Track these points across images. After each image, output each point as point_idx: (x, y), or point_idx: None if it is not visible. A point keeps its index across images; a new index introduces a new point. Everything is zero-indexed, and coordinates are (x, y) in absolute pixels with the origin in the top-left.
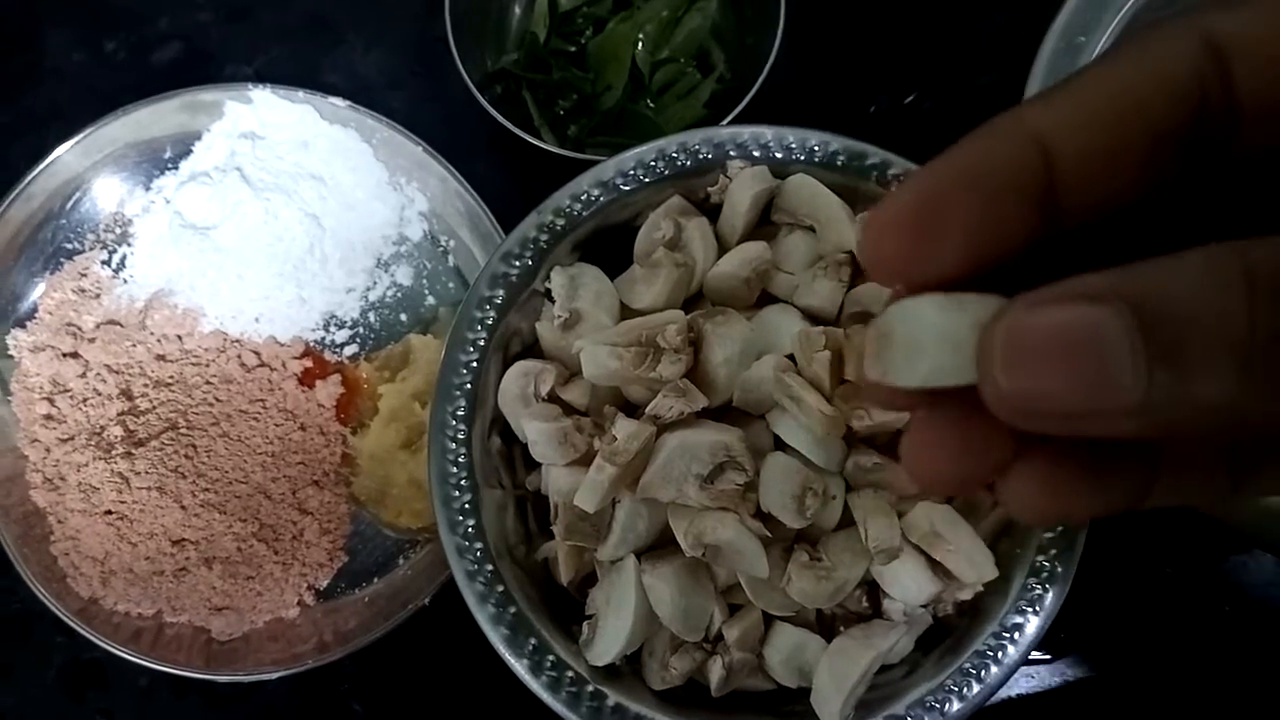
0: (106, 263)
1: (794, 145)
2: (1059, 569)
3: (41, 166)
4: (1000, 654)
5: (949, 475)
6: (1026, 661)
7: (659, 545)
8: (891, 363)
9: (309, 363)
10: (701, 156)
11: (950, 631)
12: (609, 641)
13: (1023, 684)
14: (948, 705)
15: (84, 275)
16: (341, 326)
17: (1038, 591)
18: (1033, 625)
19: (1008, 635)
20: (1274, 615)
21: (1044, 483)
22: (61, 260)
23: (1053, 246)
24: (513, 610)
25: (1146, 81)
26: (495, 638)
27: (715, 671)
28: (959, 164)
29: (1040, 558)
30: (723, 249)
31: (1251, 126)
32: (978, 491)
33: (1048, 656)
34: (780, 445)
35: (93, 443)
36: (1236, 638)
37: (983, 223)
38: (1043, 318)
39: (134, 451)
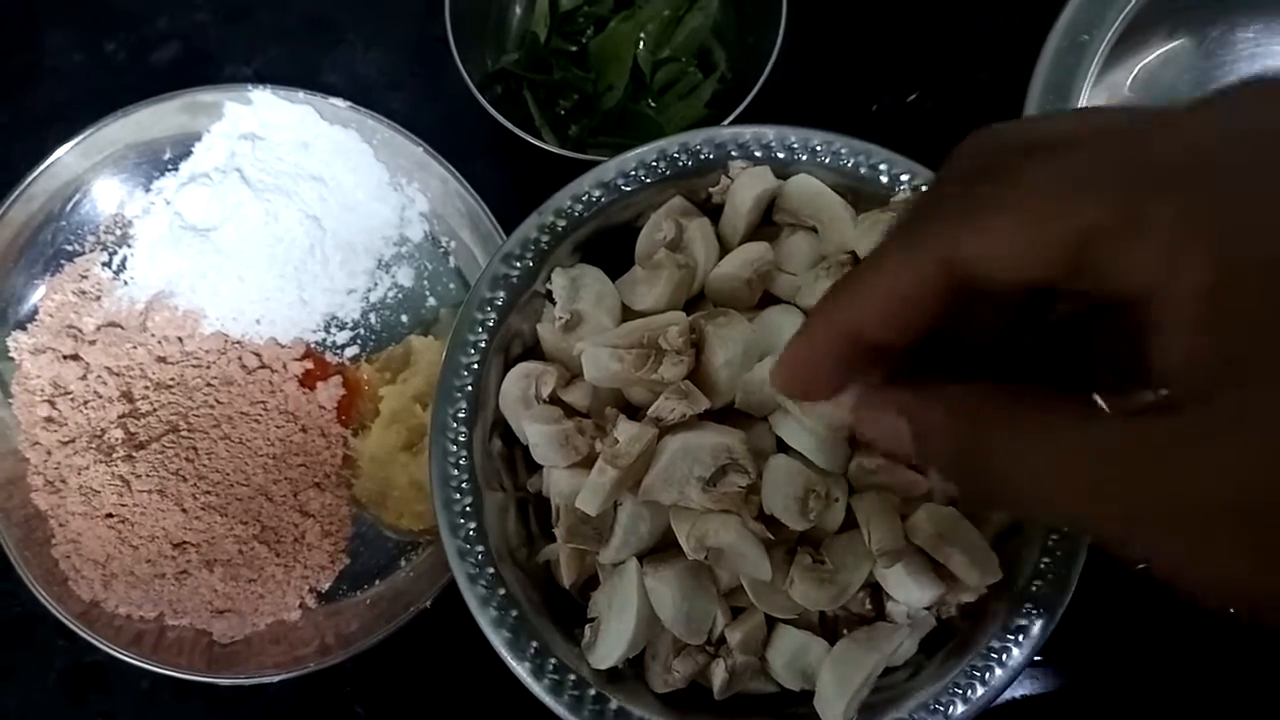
0: (107, 264)
1: (796, 145)
2: (1063, 571)
3: (41, 168)
4: (1005, 656)
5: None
6: (1030, 663)
7: (661, 548)
8: None
9: (310, 364)
10: (703, 157)
11: (954, 634)
12: (611, 645)
13: (1026, 685)
14: (952, 708)
15: (84, 277)
16: (342, 328)
17: (1042, 593)
18: (1037, 627)
19: (1012, 637)
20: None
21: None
22: (62, 262)
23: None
24: (515, 613)
25: (913, 286)
26: (497, 641)
27: (718, 674)
28: (808, 346)
29: (1044, 560)
30: (724, 250)
31: (998, 290)
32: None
33: (1042, 659)
34: (783, 447)
35: (94, 445)
36: (1240, 641)
37: (834, 373)
38: (873, 411)
39: (135, 454)
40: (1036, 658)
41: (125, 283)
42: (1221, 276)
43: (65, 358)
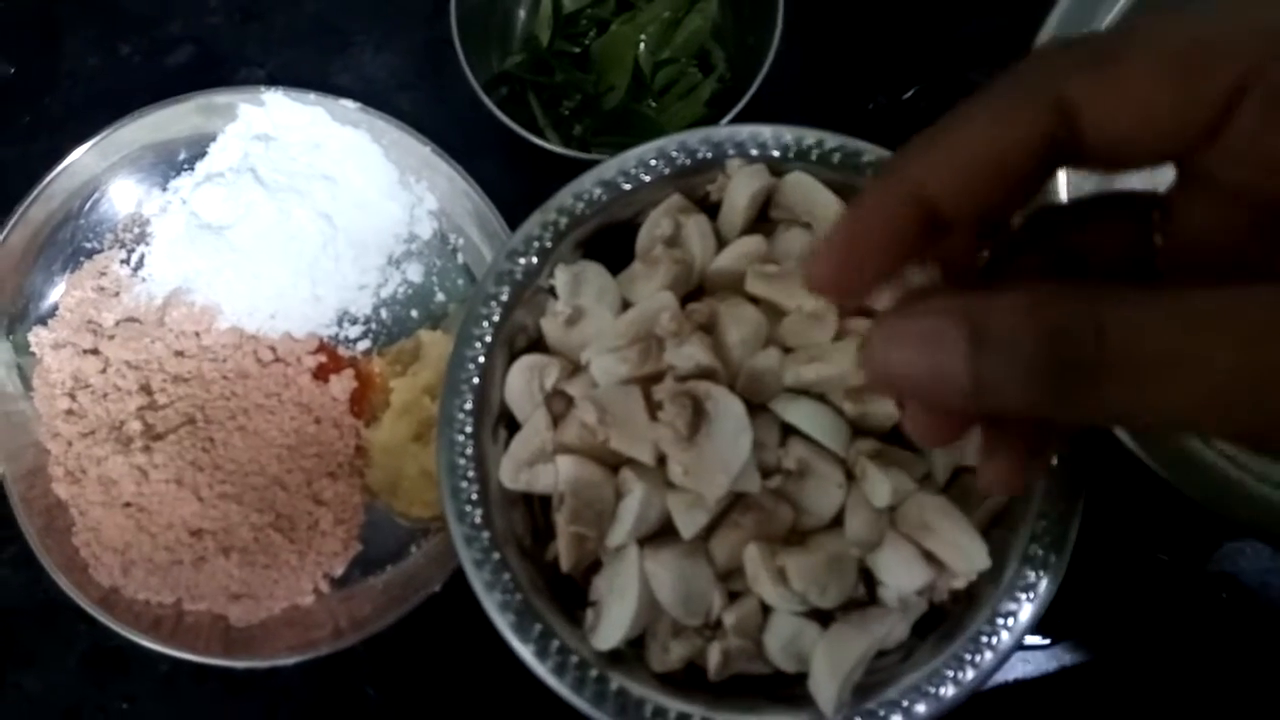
0: (125, 262)
1: (791, 143)
2: (1052, 556)
3: (60, 168)
4: (995, 639)
5: (928, 431)
6: (1022, 647)
7: (661, 532)
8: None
9: (323, 358)
10: (701, 156)
11: (946, 617)
12: (612, 627)
13: (1019, 669)
14: (942, 689)
15: (103, 274)
16: (354, 322)
17: (1031, 578)
18: (1027, 611)
19: (1002, 621)
20: (1269, 603)
21: (1007, 462)
22: (81, 260)
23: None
24: (519, 597)
25: (1009, 140)
26: (502, 624)
27: (713, 656)
28: (863, 223)
29: (1034, 545)
30: (722, 245)
31: (1090, 163)
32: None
33: (1045, 642)
34: (788, 431)
35: (113, 437)
36: (1232, 625)
37: (890, 256)
38: (909, 319)
39: (153, 445)
40: (1028, 641)
41: (143, 279)
42: None
43: (85, 352)
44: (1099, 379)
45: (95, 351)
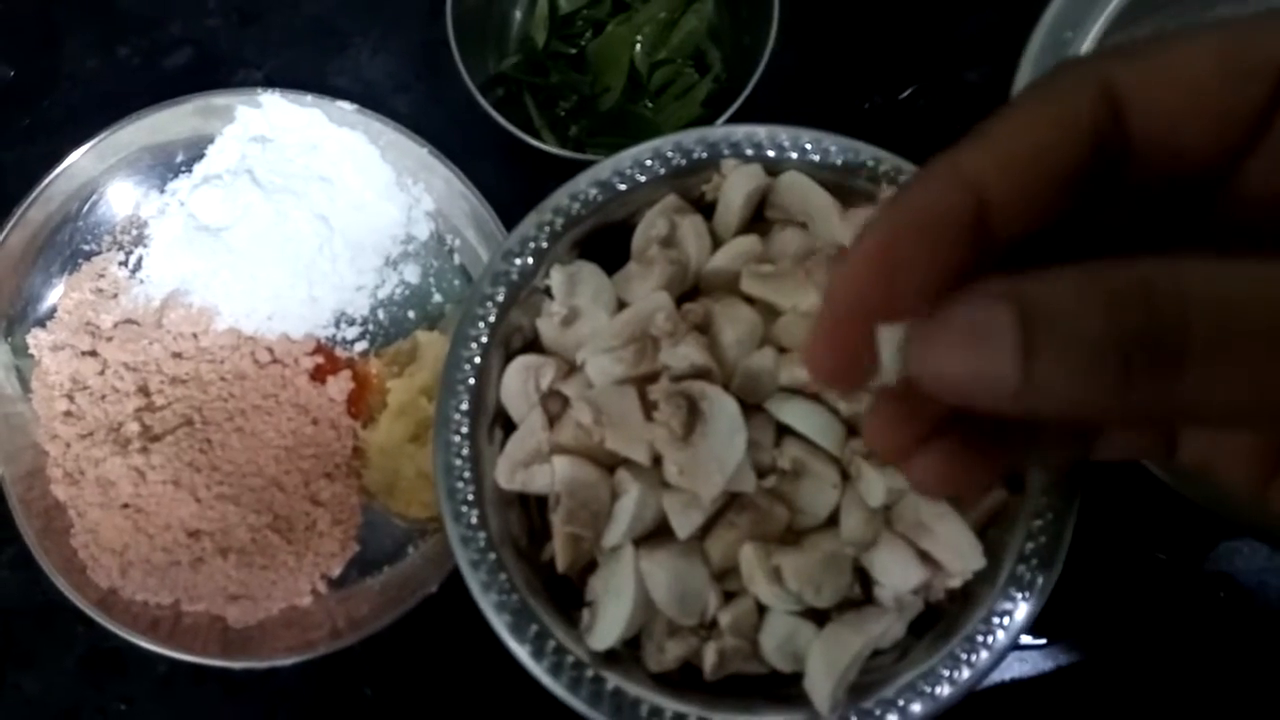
0: (123, 264)
1: (786, 143)
2: (1048, 555)
3: (58, 170)
4: (990, 639)
5: (890, 442)
6: (1019, 646)
7: (656, 532)
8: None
9: (320, 359)
10: (696, 156)
11: (941, 617)
12: (608, 627)
13: (1016, 668)
14: (938, 689)
15: (101, 276)
16: (351, 324)
17: (1027, 577)
18: (1022, 610)
19: (998, 620)
20: (1267, 602)
21: (942, 461)
22: (79, 261)
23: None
24: (515, 598)
25: (1054, 127)
26: (499, 624)
27: (709, 656)
28: (908, 212)
29: (1029, 544)
30: (717, 246)
31: (1140, 161)
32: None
33: (1041, 641)
34: (783, 431)
35: (111, 438)
36: (1229, 624)
37: (932, 262)
38: (952, 311)
39: (151, 446)
40: (1030, 641)
41: (141, 281)
42: None
43: (83, 354)
44: (1181, 360)
45: (93, 353)
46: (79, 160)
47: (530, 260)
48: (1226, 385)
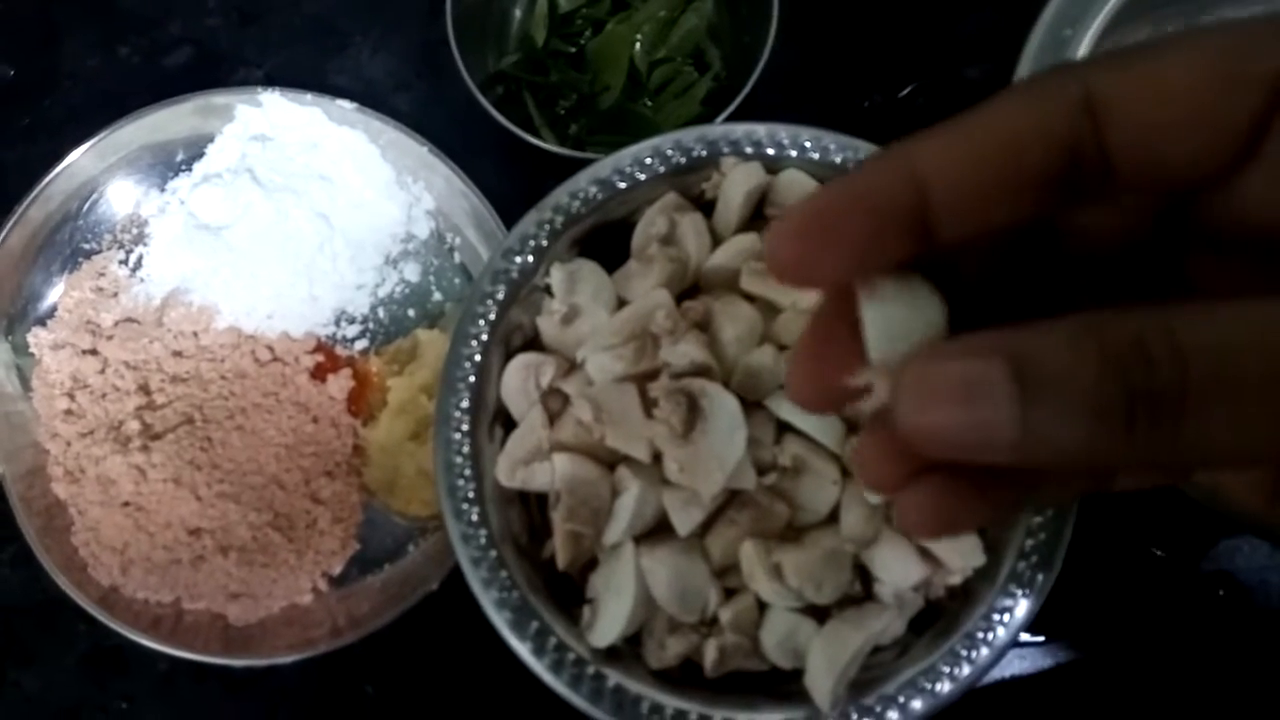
0: (124, 262)
1: (786, 141)
2: (1048, 552)
3: (58, 169)
4: (990, 636)
5: (879, 475)
6: (1019, 643)
7: (657, 529)
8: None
9: (320, 357)
10: (696, 154)
11: (941, 614)
12: (609, 624)
13: (1016, 665)
14: (938, 685)
15: (102, 275)
16: (352, 322)
17: (1027, 574)
18: (1023, 607)
19: (998, 617)
20: (1267, 600)
21: (935, 497)
22: (80, 260)
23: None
24: (516, 595)
25: (1026, 129)
26: (500, 622)
27: (709, 653)
28: (849, 190)
29: (1029, 541)
30: (717, 243)
31: (1122, 176)
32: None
33: (1040, 638)
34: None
35: (111, 436)
36: (1229, 623)
37: (863, 241)
38: (942, 366)
39: (151, 444)
40: (1029, 638)
41: (141, 280)
42: None
43: (84, 352)
44: (1181, 411)
45: (94, 352)
46: (79, 159)
47: (530, 258)
48: (1227, 432)
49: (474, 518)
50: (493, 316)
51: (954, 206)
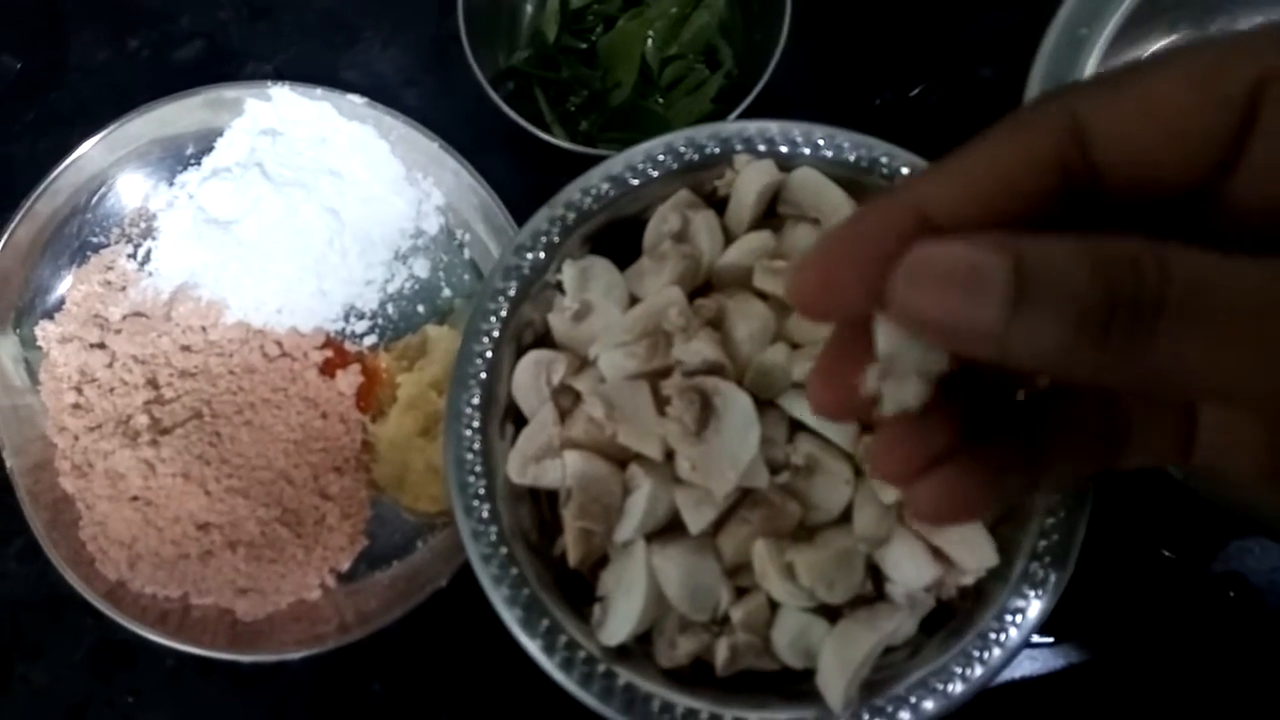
0: (132, 256)
1: (799, 139)
2: (1061, 552)
3: (67, 162)
4: (1002, 636)
5: (893, 466)
6: (1030, 644)
7: (668, 527)
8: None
9: (329, 353)
10: (709, 151)
11: (953, 614)
12: (620, 622)
13: (1026, 666)
14: (950, 686)
15: (110, 268)
16: (361, 317)
17: (1039, 575)
18: (1035, 608)
19: (1010, 618)
20: (1278, 601)
21: (948, 483)
22: (88, 254)
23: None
24: (526, 592)
25: (1016, 162)
26: (510, 619)
27: (721, 652)
28: (857, 230)
29: (1042, 541)
30: (730, 241)
31: (1111, 190)
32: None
33: (1051, 639)
34: (797, 427)
35: (119, 431)
36: (1240, 623)
37: (875, 278)
38: (949, 249)
39: (159, 439)
40: (1038, 639)
41: (150, 274)
42: None
43: (92, 346)
44: (1156, 325)
45: (102, 346)
46: (88, 152)
47: (542, 254)
48: (1196, 354)
49: (484, 514)
50: (504, 313)
51: (956, 227)
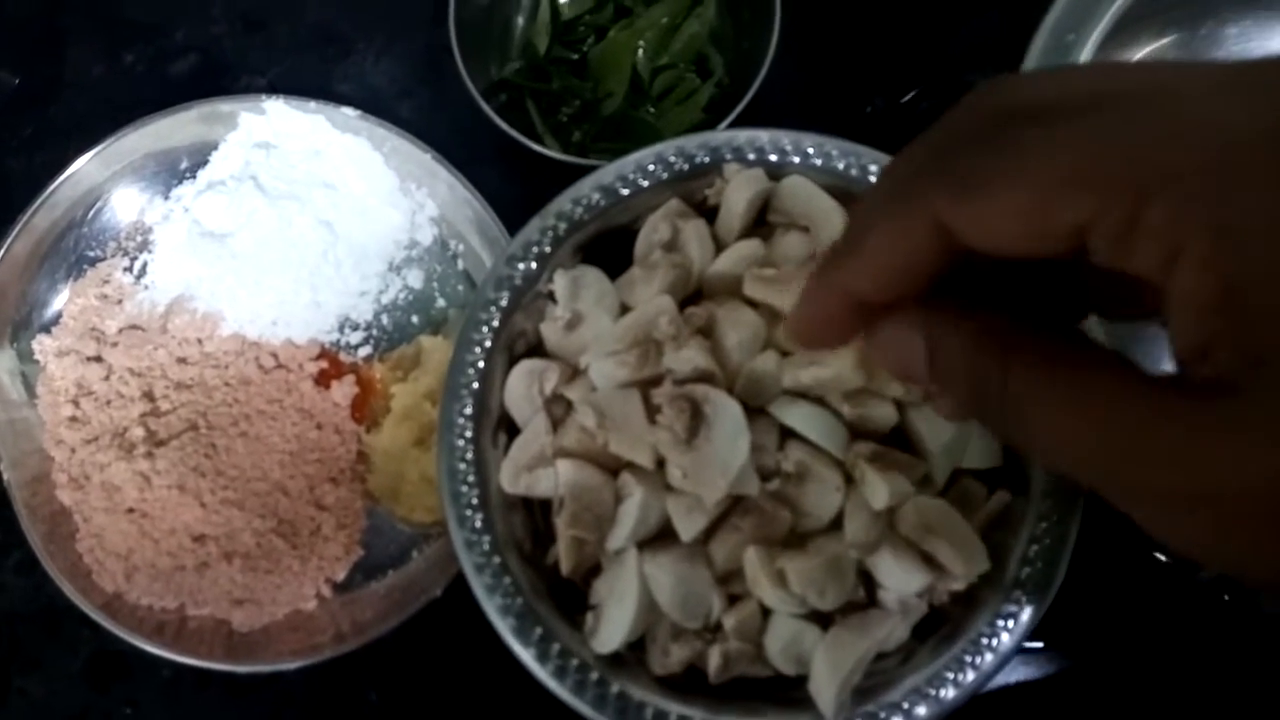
0: (128, 270)
1: (789, 147)
2: (1053, 557)
3: (63, 177)
4: (995, 641)
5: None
6: (1022, 649)
7: (659, 536)
8: None
9: (324, 364)
10: (699, 160)
11: (945, 620)
12: (613, 630)
13: (1020, 671)
14: (943, 692)
15: (106, 282)
16: (355, 328)
17: (1031, 580)
18: (1027, 613)
19: (1002, 623)
20: (1273, 604)
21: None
22: (84, 268)
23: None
24: (520, 601)
25: (902, 251)
26: (503, 627)
27: (713, 659)
28: (812, 311)
29: (1034, 546)
30: (720, 250)
31: (990, 258)
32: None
33: (1042, 644)
34: (787, 435)
35: (115, 443)
36: (1234, 628)
37: (837, 331)
38: (887, 329)
39: (155, 451)
40: (1029, 644)
41: (146, 287)
42: (1231, 283)
43: (88, 359)
44: (1001, 415)
45: (98, 359)
46: (84, 166)
47: (534, 264)
48: (1024, 441)
49: (477, 524)
50: (496, 323)
51: (886, 298)
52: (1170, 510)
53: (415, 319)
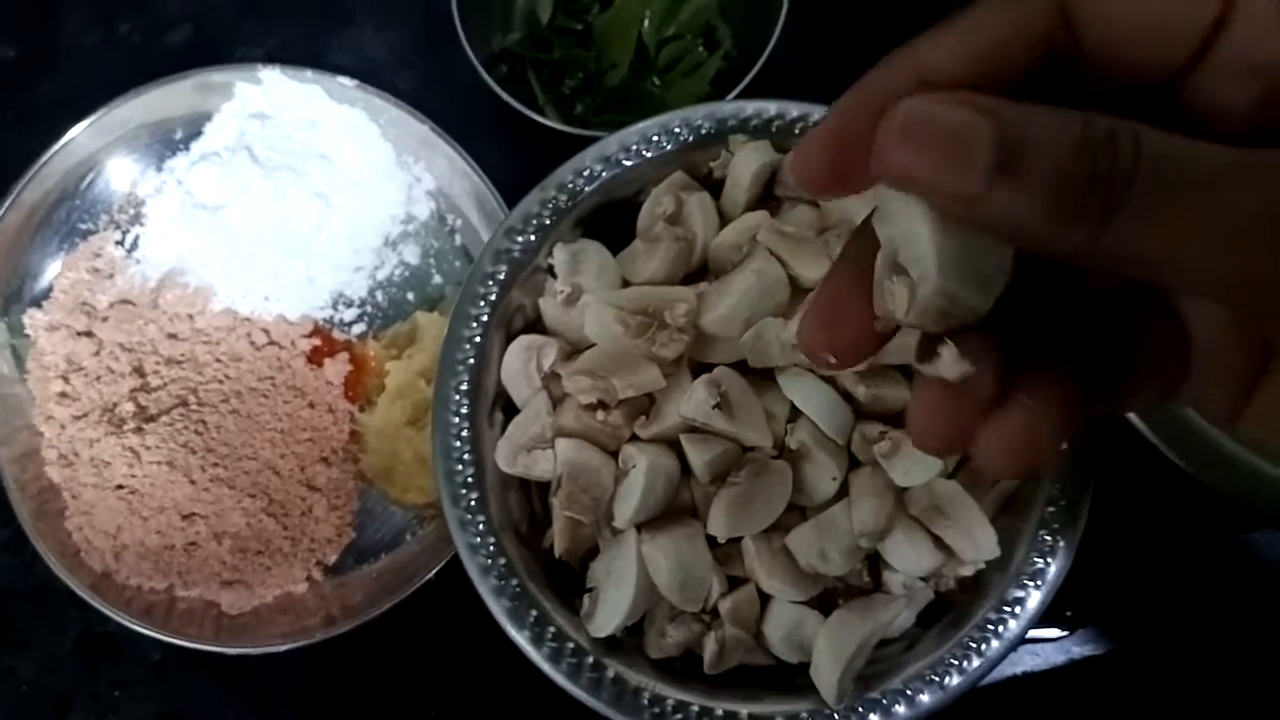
0: (120, 243)
1: (797, 119)
2: (1061, 543)
3: (56, 148)
4: (1001, 628)
5: (946, 433)
6: (1032, 639)
7: (658, 518)
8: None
9: (317, 341)
10: (704, 131)
11: (951, 607)
12: (610, 613)
13: (1028, 661)
14: (947, 679)
15: (98, 255)
16: (349, 305)
17: (1039, 566)
18: (1034, 599)
19: (1009, 609)
20: None
21: (1021, 428)
22: (76, 240)
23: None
24: (515, 583)
25: (1011, 30)
26: (498, 610)
27: (708, 648)
28: (865, 97)
29: (1042, 532)
30: (725, 223)
31: (1091, 73)
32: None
33: (1053, 634)
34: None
35: (105, 419)
36: (1245, 616)
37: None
38: (939, 108)
39: (145, 427)
40: (1038, 634)
41: (137, 261)
42: None
43: (79, 334)
44: (1125, 198)
45: (89, 334)
46: (77, 137)
47: (533, 237)
48: (1153, 230)
49: (472, 503)
50: (494, 297)
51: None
52: None
53: (411, 295)
